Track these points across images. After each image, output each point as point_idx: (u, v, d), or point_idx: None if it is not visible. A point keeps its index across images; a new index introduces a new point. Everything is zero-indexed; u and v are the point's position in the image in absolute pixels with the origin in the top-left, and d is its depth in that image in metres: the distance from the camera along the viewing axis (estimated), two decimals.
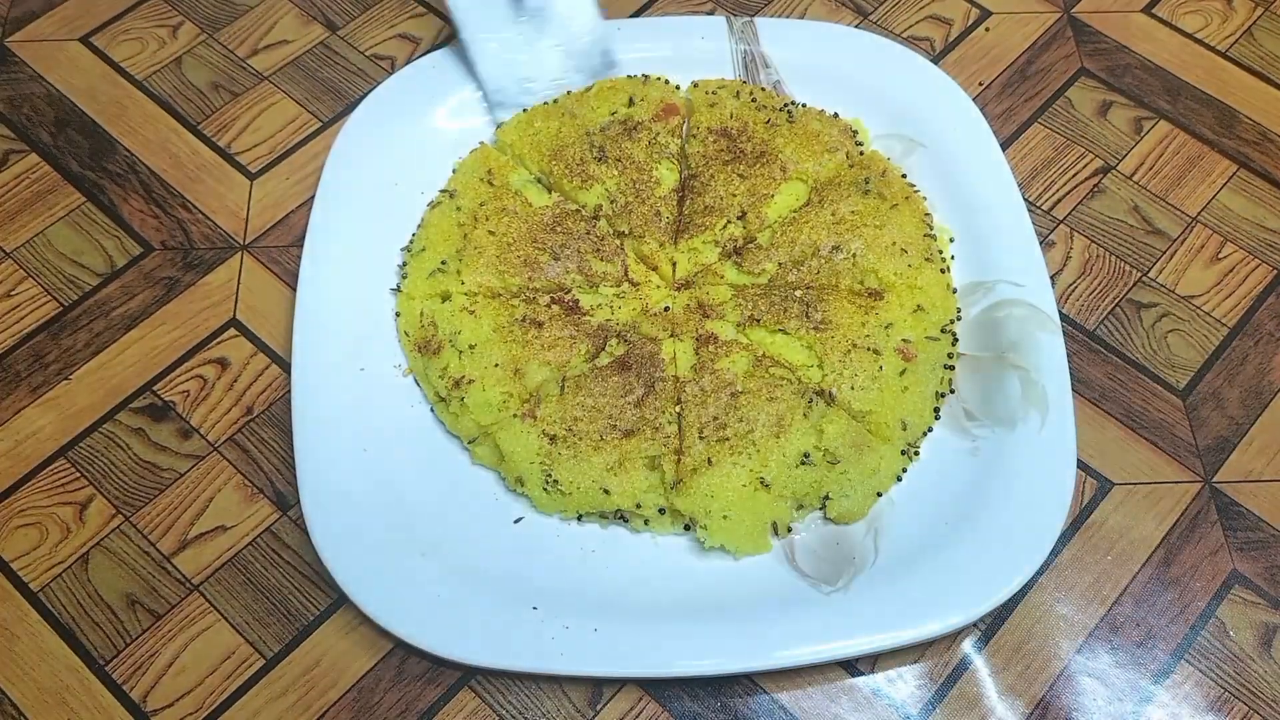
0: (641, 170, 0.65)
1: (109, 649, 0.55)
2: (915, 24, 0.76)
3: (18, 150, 0.70)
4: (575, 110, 0.67)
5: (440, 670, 0.54)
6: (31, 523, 0.58)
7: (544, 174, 0.66)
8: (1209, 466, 0.60)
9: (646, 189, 0.64)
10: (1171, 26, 0.76)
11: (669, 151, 0.66)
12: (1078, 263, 0.66)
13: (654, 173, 0.65)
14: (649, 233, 0.63)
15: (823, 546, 0.56)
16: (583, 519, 0.57)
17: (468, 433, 0.58)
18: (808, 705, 0.53)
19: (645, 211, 0.64)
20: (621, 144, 0.66)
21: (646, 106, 0.68)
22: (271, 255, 0.66)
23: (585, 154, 0.65)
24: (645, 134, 0.67)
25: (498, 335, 0.60)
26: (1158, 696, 0.54)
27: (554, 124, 0.67)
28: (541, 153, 0.66)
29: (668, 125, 0.67)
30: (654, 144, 0.66)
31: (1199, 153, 0.70)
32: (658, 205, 0.64)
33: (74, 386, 0.62)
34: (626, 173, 0.65)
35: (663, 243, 0.63)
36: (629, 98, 0.68)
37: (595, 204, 0.64)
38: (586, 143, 0.66)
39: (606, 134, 0.66)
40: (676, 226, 0.64)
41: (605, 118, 0.67)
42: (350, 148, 0.67)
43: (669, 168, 0.66)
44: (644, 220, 0.63)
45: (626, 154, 0.65)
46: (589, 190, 0.64)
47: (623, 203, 0.64)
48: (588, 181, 0.64)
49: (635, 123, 0.67)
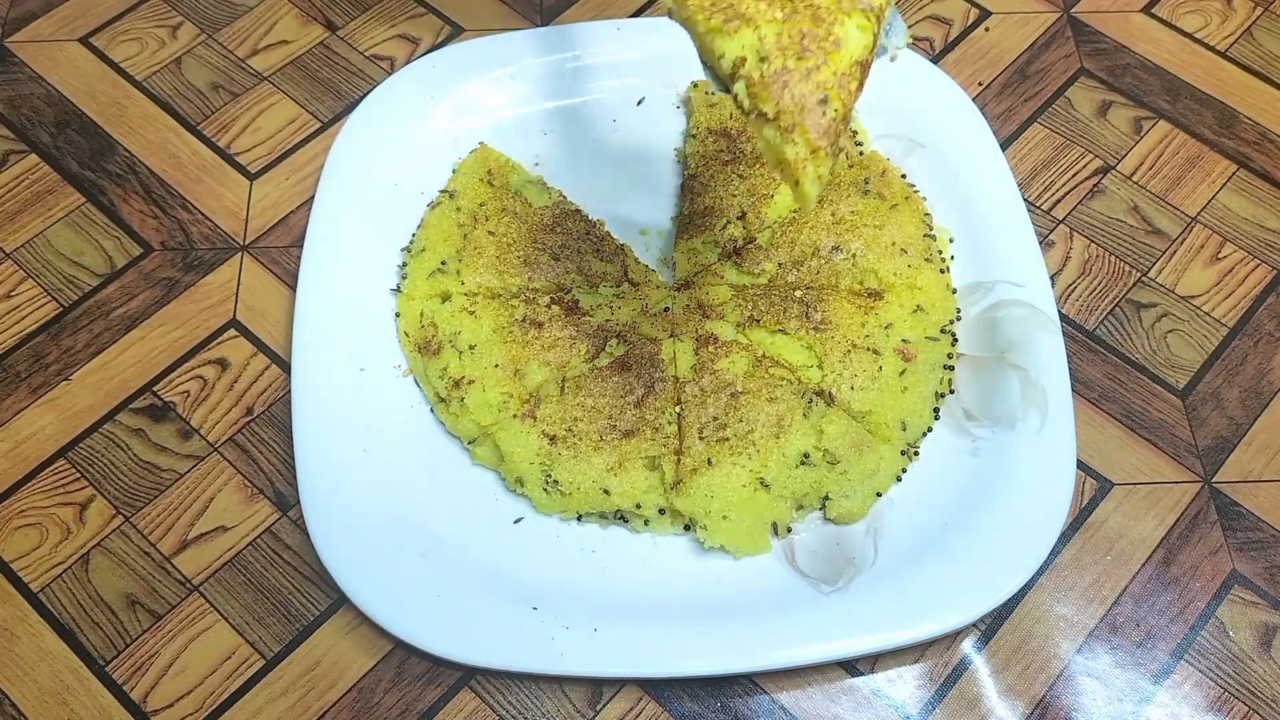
0: (818, 20, 0.45)
1: (109, 649, 0.55)
2: (915, 24, 0.76)
3: (17, 151, 0.70)
4: None
5: (440, 670, 0.54)
6: (32, 523, 0.58)
7: (677, 2, 0.47)
8: (1209, 467, 0.60)
9: (815, 49, 0.44)
10: (1171, 26, 0.76)
11: (867, 2, 0.46)
12: (1077, 263, 0.66)
13: (835, 27, 0.45)
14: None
15: (822, 547, 0.56)
16: (583, 519, 0.57)
17: (468, 433, 0.58)
18: (808, 705, 0.53)
19: (805, 88, 0.43)
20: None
21: None
22: (271, 256, 0.66)
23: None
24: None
25: (498, 335, 0.60)
26: (1157, 697, 0.54)
27: None
28: None
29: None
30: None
31: (1198, 153, 0.70)
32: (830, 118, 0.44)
33: (74, 387, 0.62)
34: (796, 18, 0.45)
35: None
36: None
37: (735, 56, 0.44)
38: None
39: None
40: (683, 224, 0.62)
41: None
42: (350, 148, 0.67)
43: (860, 24, 0.45)
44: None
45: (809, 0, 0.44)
46: (733, 36, 0.45)
47: (776, 66, 0.44)
48: (734, 21, 0.45)
49: None
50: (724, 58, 0.46)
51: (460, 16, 0.76)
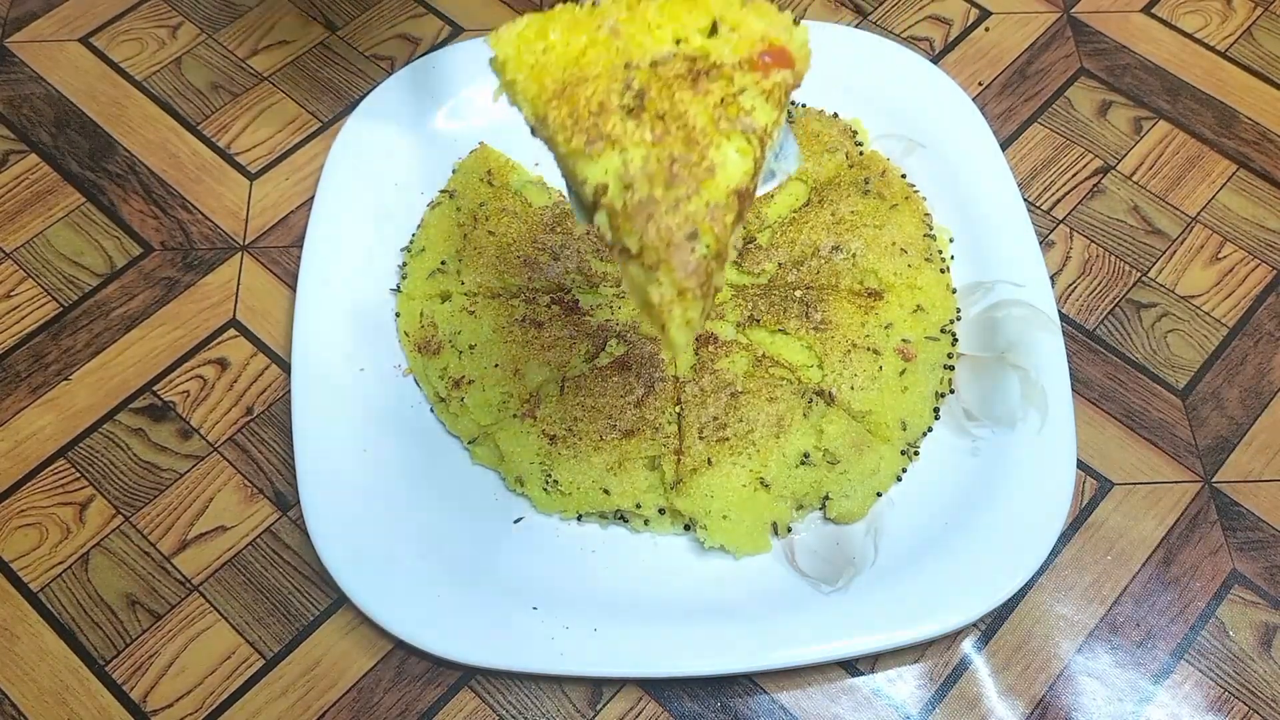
0: (691, 143, 0.41)
1: (109, 649, 0.55)
2: (915, 24, 0.76)
3: (17, 151, 0.70)
4: (620, 25, 0.44)
5: (440, 670, 0.54)
6: (31, 523, 0.58)
7: (537, 117, 0.43)
8: (1209, 466, 0.60)
9: (686, 176, 0.40)
10: (1171, 26, 0.76)
11: (749, 124, 0.42)
12: (1077, 263, 0.66)
13: (710, 151, 0.41)
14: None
15: (823, 546, 0.56)
16: (583, 519, 0.57)
17: (467, 433, 0.58)
18: (808, 705, 0.53)
19: (672, 221, 0.40)
20: (675, 93, 0.41)
21: (738, 43, 0.43)
22: (271, 256, 0.66)
23: (611, 98, 0.42)
24: (720, 86, 0.42)
25: (497, 335, 0.60)
26: (1157, 696, 0.54)
27: (578, 39, 0.43)
28: (544, 83, 0.42)
29: (764, 81, 0.42)
30: (728, 104, 0.41)
31: (1198, 153, 0.70)
32: (698, 211, 0.40)
33: (74, 387, 0.62)
34: (666, 140, 0.41)
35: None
36: (712, 22, 0.43)
37: (596, 182, 0.41)
38: (620, 80, 0.42)
39: (657, 73, 0.42)
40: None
41: (664, 47, 0.43)
42: (350, 148, 0.67)
43: (740, 148, 0.41)
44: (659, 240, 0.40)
45: (677, 110, 0.41)
46: (596, 160, 0.41)
47: (640, 195, 0.40)
48: (598, 143, 0.41)
49: (710, 65, 0.42)
50: (586, 183, 0.41)
51: (460, 16, 0.76)
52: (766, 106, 0.42)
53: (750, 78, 0.42)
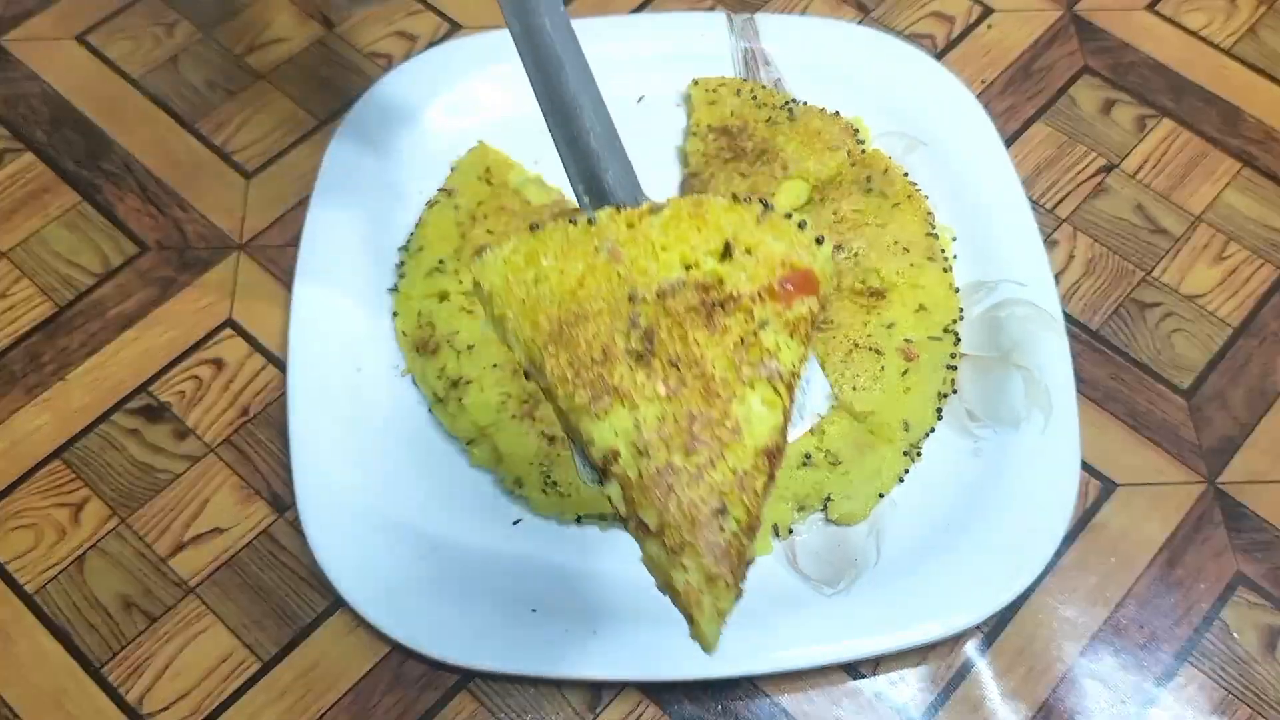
0: (711, 396, 0.35)
1: (105, 651, 0.54)
2: (917, 21, 0.76)
3: (13, 149, 0.70)
4: (621, 248, 0.38)
5: (438, 674, 0.54)
6: (27, 524, 0.57)
7: (532, 363, 0.37)
8: (1213, 468, 0.59)
9: (708, 439, 0.35)
10: (1175, 24, 0.75)
11: (774, 369, 0.36)
12: (1081, 262, 0.66)
13: (733, 405, 0.36)
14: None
15: (824, 548, 0.55)
16: (582, 521, 0.56)
17: (466, 433, 0.58)
18: (809, 708, 0.53)
19: (696, 494, 0.35)
20: (689, 332, 0.36)
21: (755, 268, 0.37)
22: (268, 255, 0.66)
23: (615, 340, 0.36)
24: (739, 321, 0.36)
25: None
26: (1162, 699, 0.53)
27: (575, 267, 0.38)
28: (538, 322, 0.37)
29: (788, 313, 0.37)
30: (749, 345, 0.36)
31: (1203, 151, 0.70)
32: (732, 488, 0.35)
33: (69, 387, 0.61)
34: (683, 394, 0.35)
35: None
36: (725, 244, 0.38)
37: (607, 448, 0.35)
38: (625, 317, 0.36)
39: (666, 306, 0.36)
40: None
41: (672, 273, 0.37)
42: (347, 146, 0.66)
43: (766, 399, 0.36)
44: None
45: (691, 355, 0.36)
46: (603, 419, 0.36)
47: (658, 463, 0.35)
48: (604, 398, 0.36)
49: (726, 296, 0.37)
50: (593, 445, 0.35)
51: (458, 13, 0.76)
52: (792, 344, 0.36)
53: (771, 309, 0.36)
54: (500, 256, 0.38)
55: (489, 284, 0.37)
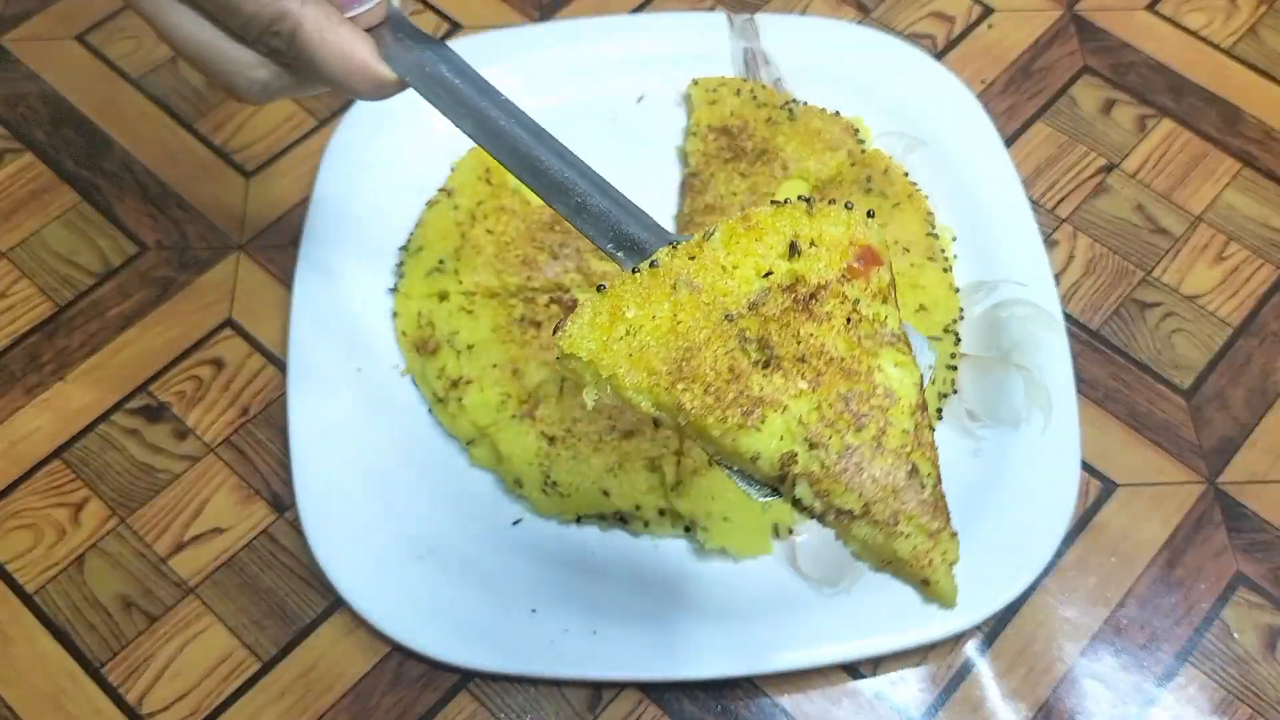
0: (850, 374, 0.37)
1: (105, 651, 0.54)
2: (917, 21, 0.76)
3: (12, 149, 0.70)
4: (694, 276, 0.38)
5: (438, 674, 0.54)
6: (26, 524, 0.57)
7: (663, 407, 0.37)
8: (1213, 468, 0.59)
9: (869, 411, 0.36)
10: (1175, 24, 0.75)
11: (888, 334, 0.38)
12: (1081, 262, 0.66)
13: (875, 375, 0.37)
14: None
15: (824, 548, 0.55)
16: (582, 521, 0.56)
17: (466, 434, 0.58)
18: (809, 709, 0.53)
19: (885, 464, 0.36)
20: (798, 329, 0.37)
21: (827, 256, 0.39)
22: (268, 255, 0.66)
23: (737, 358, 0.37)
24: (836, 306, 0.38)
25: (496, 335, 0.59)
26: (1162, 699, 0.53)
27: (662, 309, 0.38)
28: (653, 368, 0.37)
29: (873, 285, 0.39)
30: (858, 322, 0.38)
31: (1203, 151, 0.70)
32: (900, 450, 0.37)
33: (69, 387, 0.61)
34: (826, 381, 0.37)
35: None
36: (789, 242, 0.39)
37: (779, 453, 0.36)
38: (732, 336, 0.37)
39: (763, 315, 0.38)
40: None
41: (753, 285, 0.38)
42: (347, 146, 0.66)
43: (897, 360, 0.38)
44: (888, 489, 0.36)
45: (813, 347, 0.37)
46: (761, 430, 0.36)
47: (836, 449, 0.36)
48: (756, 411, 0.36)
49: (813, 287, 0.38)
50: (759, 459, 0.36)
51: (458, 13, 0.76)
52: (887, 308, 0.38)
53: (857, 286, 0.38)
54: (582, 324, 0.38)
55: (586, 353, 0.38)
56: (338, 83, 0.42)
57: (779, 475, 0.36)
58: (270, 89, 0.43)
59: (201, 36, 0.41)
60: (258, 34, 0.40)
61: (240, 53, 0.41)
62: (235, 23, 0.40)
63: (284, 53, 0.41)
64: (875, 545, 0.37)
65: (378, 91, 0.43)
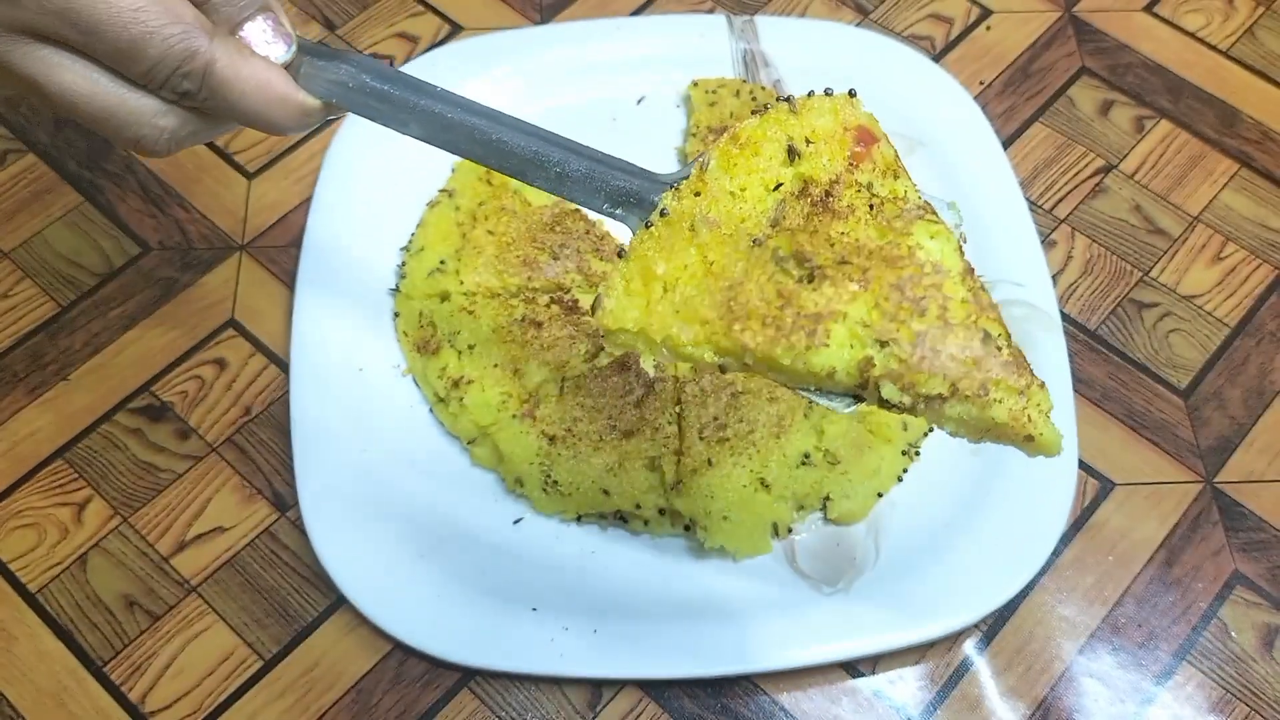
0: (894, 261, 0.36)
1: (107, 650, 0.54)
2: (916, 23, 0.76)
3: (15, 150, 0.70)
4: (708, 211, 0.38)
5: (439, 672, 0.54)
6: (29, 524, 0.58)
7: (725, 353, 0.37)
8: (1211, 467, 0.60)
9: (925, 293, 0.36)
10: (1173, 25, 0.76)
11: (913, 208, 0.38)
12: (1079, 262, 0.66)
13: (919, 254, 0.37)
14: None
15: (823, 547, 0.55)
16: (582, 520, 0.56)
17: (467, 433, 0.58)
18: (808, 707, 0.53)
19: (958, 339, 0.36)
20: (826, 231, 0.37)
21: (826, 149, 0.38)
22: (270, 255, 0.66)
23: (781, 280, 0.36)
24: (854, 196, 0.38)
25: (497, 335, 0.60)
26: (1160, 698, 0.53)
27: (689, 255, 0.37)
28: (705, 317, 0.36)
29: (880, 163, 0.39)
30: (881, 206, 0.38)
31: (1200, 152, 0.70)
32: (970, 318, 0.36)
33: (72, 387, 0.62)
34: (875, 277, 0.36)
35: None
36: (787, 147, 0.38)
37: (855, 361, 0.36)
38: (768, 260, 0.37)
39: (789, 228, 0.37)
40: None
41: (767, 201, 0.38)
42: (348, 147, 0.66)
43: (933, 232, 0.37)
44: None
45: (848, 246, 0.37)
46: (829, 345, 0.36)
47: (908, 340, 0.35)
48: (818, 329, 0.36)
49: (825, 185, 0.38)
50: (835, 373, 0.35)
51: (459, 15, 0.76)
52: (902, 180, 0.38)
53: (865, 170, 0.38)
54: (619, 295, 0.37)
55: (632, 323, 0.37)
56: (257, 117, 0.40)
57: (860, 383, 0.36)
58: (178, 137, 0.41)
59: (97, 90, 0.39)
60: (164, 78, 0.38)
61: (143, 102, 0.39)
62: (138, 70, 0.38)
63: (194, 94, 0.39)
64: (972, 419, 0.36)
65: (301, 120, 0.42)
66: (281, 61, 0.41)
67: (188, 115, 0.41)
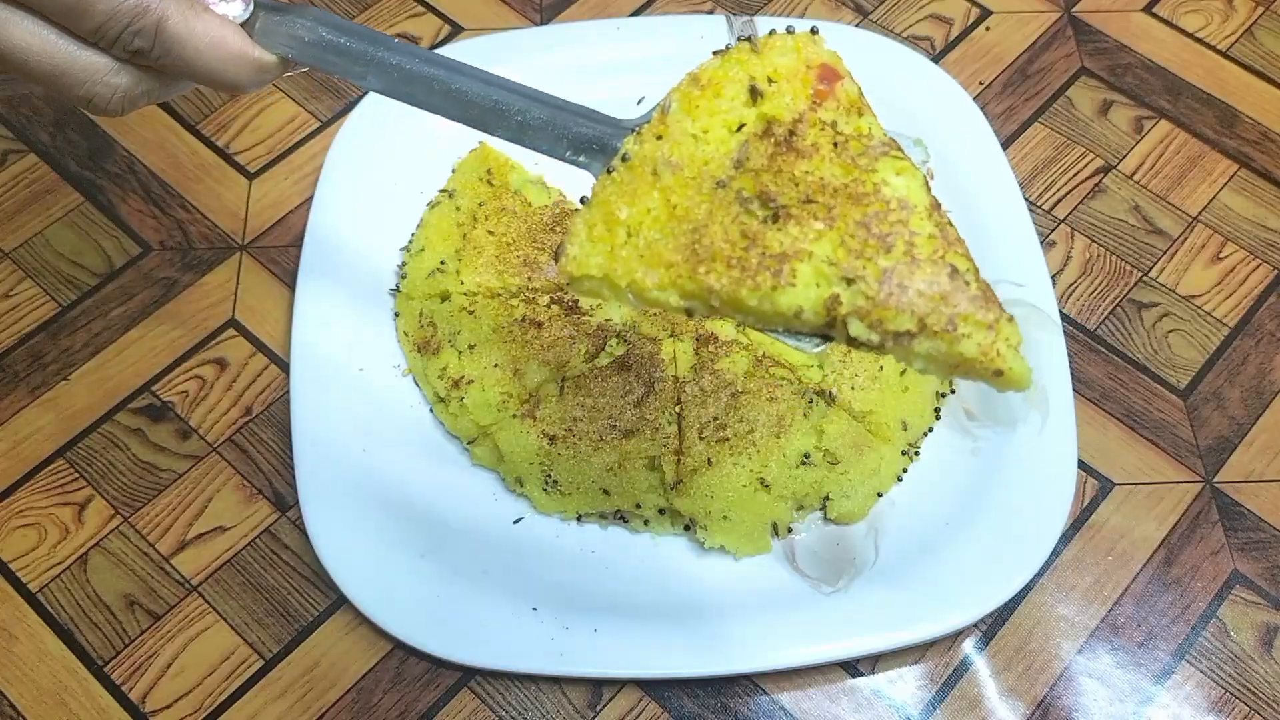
0: (860, 198, 0.36)
1: (108, 650, 0.55)
2: (915, 23, 0.76)
3: (16, 150, 0.70)
4: (670, 155, 0.37)
5: (440, 671, 0.54)
6: (30, 523, 0.58)
7: (690, 296, 0.36)
8: (1210, 467, 0.60)
9: (891, 229, 0.36)
10: (1172, 26, 0.76)
11: (878, 145, 0.37)
12: (1078, 262, 0.66)
13: (884, 191, 0.36)
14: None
15: (823, 547, 0.56)
16: (582, 519, 0.57)
17: (467, 433, 0.58)
18: (808, 706, 0.53)
19: (925, 274, 0.36)
20: (791, 172, 0.36)
21: (786, 89, 0.38)
22: (270, 255, 0.66)
23: (745, 221, 0.36)
24: (817, 134, 0.37)
25: (497, 335, 0.60)
26: (1159, 697, 0.54)
27: (652, 199, 0.37)
28: (668, 260, 0.36)
29: (844, 101, 0.38)
30: (845, 144, 0.37)
31: (1200, 152, 0.70)
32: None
33: (72, 387, 0.62)
34: (840, 214, 0.36)
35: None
36: (749, 86, 0.38)
37: (820, 300, 0.35)
38: (732, 202, 0.36)
39: (752, 168, 0.37)
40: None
41: (730, 142, 0.37)
42: (349, 147, 0.66)
43: (898, 169, 0.37)
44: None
45: (812, 184, 0.36)
46: (795, 284, 0.36)
47: (874, 277, 0.35)
48: (783, 268, 0.35)
49: (789, 124, 0.37)
50: (802, 313, 0.35)
51: (459, 15, 0.76)
52: (866, 118, 0.38)
53: (829, 108, 0.37)
54: (581, 241, 0.37)
55: (596, 269, 0.36)
56: (212, 75, 0.39)
57: (827, 322, 0.35)
58: (131, 95, 0.40)
59: (47, 47, 0.38)
60: (116, 34, 0.37)
61: (95, 59, 0.38)
62: (87, 26, 0.37)
63: (147, 52, 0.38)
64: (940, 355, 0.36)
65: (258, 76, 0.41)
66: (238, 19, 0.41)
67: (141, 74, 0.40)
